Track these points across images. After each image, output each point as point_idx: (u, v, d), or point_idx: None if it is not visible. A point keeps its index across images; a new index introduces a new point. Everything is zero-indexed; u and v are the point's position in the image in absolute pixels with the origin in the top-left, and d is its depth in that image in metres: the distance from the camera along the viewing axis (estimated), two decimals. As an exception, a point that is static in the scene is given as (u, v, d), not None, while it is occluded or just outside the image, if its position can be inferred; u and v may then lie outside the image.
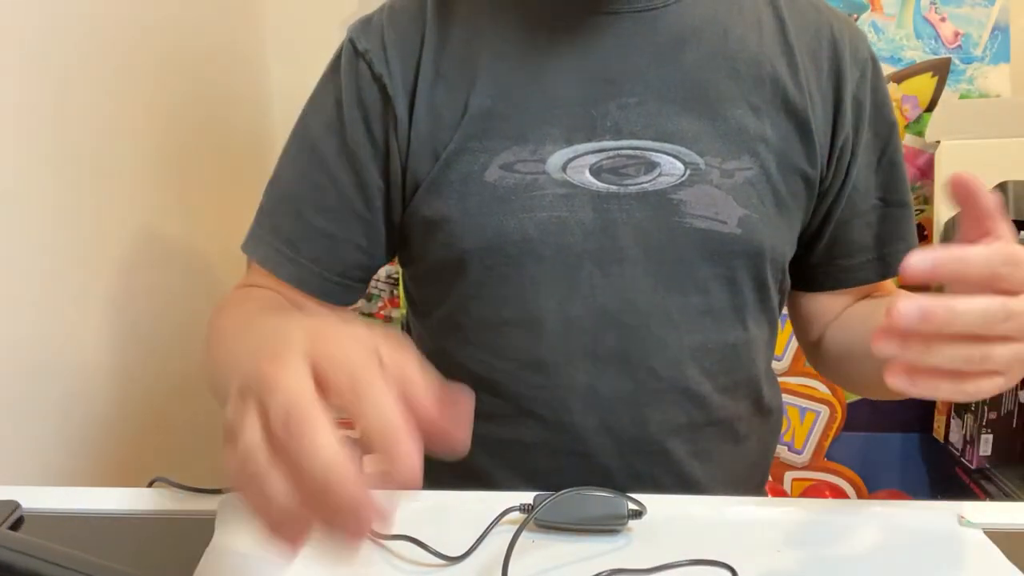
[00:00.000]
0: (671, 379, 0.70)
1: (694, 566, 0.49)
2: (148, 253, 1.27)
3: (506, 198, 0.67)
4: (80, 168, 1.07)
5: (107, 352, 1.14)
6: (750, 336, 0.73)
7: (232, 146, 1.65)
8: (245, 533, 0.53)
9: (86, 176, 1.09)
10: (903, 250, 0.76)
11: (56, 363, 1.02)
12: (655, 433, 0.70)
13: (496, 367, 0.71)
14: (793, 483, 1.70)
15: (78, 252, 1.07)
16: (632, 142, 0.67)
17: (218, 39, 1.59)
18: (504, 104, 0.67)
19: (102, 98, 1.12)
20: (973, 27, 1.64)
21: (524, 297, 0.68)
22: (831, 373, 0.83)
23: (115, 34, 1.16)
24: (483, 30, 0.69)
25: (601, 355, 0.69)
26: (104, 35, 1.13)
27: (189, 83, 1.43)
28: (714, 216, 0.67)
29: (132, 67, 1.21)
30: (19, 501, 0.54)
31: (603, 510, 0.53)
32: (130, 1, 1.21)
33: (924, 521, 0.56)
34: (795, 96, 0.69)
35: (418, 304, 0.77)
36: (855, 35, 0.73)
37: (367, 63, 0.69)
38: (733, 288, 0.70)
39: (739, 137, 0.68)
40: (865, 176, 0.74)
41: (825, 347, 0.80)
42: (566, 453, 0.71)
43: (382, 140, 0.70)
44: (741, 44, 0.69)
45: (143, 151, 1.24)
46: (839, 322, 0.79)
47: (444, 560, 0.49)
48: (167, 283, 1.34)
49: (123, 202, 1.19)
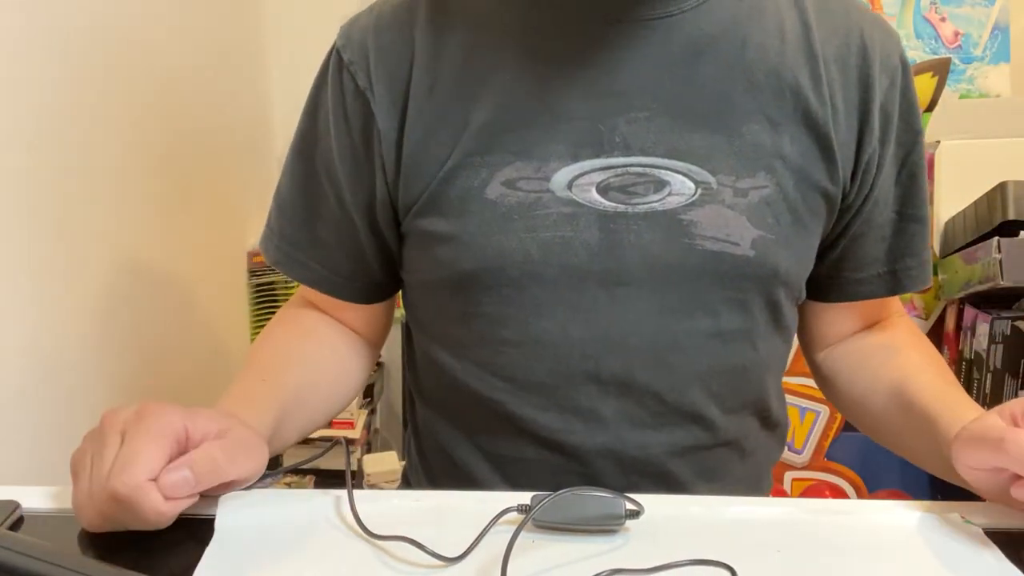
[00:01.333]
0: (676, 403, 0.68)
1: (694, 566, 0.49)
2: (148, 253, 1.27)
3: (508, 216, 0.64)
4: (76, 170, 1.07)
5: (107, 353, 1.14)
6: (760, 357, 0.70)
7: (231, 148, 1.65)
8: (245, 533, 0.53)
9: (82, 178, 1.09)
10: (915, 266, 0.74)
11: (56, 364, 1.02)
12: (659, 455, 0.69)
13: (495, 386, 0.69)
14: (793, 483, 1.70)
15: (77, 252, 1.07)
16: (641, 159, 0.64)
17: (218, 40, 1.59)
18: (507, 117, 0.64)
19: (95, 100, 1.12)
20: (973, 27, 1.64)
21: (525, 318, 0.66)
22: (837, 404, 0.81)
23: (112, 35, 1.16)
24: (484, 38, 0.66)
25: (604, 378, 0.67)
26: (100, 37, 1.13)
27: (188, 84, 1.43)
28: (726, 238, 0.64)
29: (131, 67, 1.21)
30: (19, 501, 0.54)
31: (601, 510, 0.53)
32: (129, 2, 1.21)
33: (924, 521, 0.56)
34: (816, 109, 0.66)
35: (417, 314, 0.75)
36: (886, 39, 0.69)
37: (351, 75, 0.67)
38: (744, 311, 0.67)
39: (755, 153, 0.65)
40: (885, 188, 0.71)
41: (834, 382, 0.79)
42: (567, 473, 0.69)
43: (365, 155, 0.68)
44: (760, 53, 0.65)
45: (137, 154, 1.24)
46: (854, 369, 0.76)
47: (442, 561, 0.49)
48: (167, 283, 1.34)
49: (123, 202, 1.19)
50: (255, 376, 0.68)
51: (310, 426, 0.72)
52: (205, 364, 1.50)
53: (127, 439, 0.50)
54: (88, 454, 0.51)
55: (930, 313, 1.69)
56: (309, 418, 0.71)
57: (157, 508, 0.49)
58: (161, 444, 0.50)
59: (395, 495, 0.58)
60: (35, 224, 0.98)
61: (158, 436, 0.50)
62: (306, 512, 0.55)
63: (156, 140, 1.29)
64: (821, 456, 1.68)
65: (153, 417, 0.51)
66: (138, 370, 1.22)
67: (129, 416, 0.52)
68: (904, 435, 0.70)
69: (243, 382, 0.67)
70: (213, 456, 0.51)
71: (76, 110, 1.06)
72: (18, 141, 0.95)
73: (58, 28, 1.02)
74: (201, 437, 0.52)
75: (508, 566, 0.47)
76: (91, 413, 1.08)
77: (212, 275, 1.55)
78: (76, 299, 1.06)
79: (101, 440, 0.51)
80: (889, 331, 0.78)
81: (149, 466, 0.49)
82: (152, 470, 0.49)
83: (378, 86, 0.66)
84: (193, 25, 1.45)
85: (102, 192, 1.12)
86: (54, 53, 1.01)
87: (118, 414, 0.52)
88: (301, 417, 0.69)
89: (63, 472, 0.54)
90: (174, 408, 0.53)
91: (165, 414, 0.52)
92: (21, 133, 0.95)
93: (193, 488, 0.50)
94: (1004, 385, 1.45)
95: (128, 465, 0.48)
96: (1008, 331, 1.45)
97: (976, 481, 0.56)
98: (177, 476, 0.49)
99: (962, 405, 0.63)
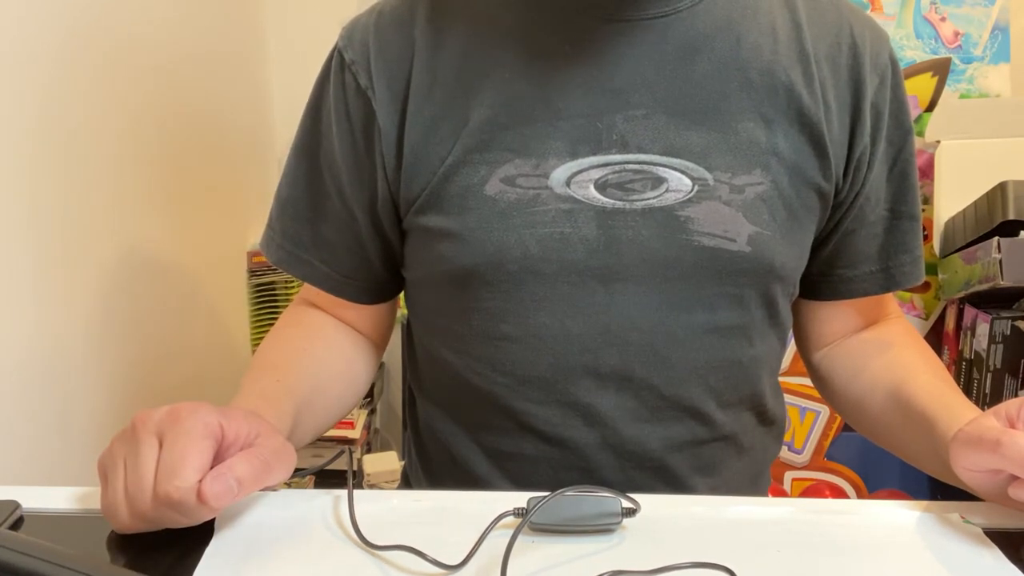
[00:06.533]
0: (674, 397, 0.68)
1: (693, 569, 0.49)
2: (147, 253, 1.27)
3: (507, 213, 0.65)
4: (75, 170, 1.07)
5: (106, 353, 1.14)
6: (756, 352, 0.71)
7: (231, 147, 1.65)
8: (245, 533, 0.53)
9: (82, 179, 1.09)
10: (908, 262, 0.74)
11: (56, 365, 1.02)
12: (657, 450, 0.69)
13: (495, 381, 0.69)
14: (793, 483, 1.70)
15: (77, 253, 1.07)
16: (639, 156, 0.65)
17: (218, 40, 1.59)
18: (506, 115, 0.65)
19: (93, 101, 1.12)
20: (973, 27, 1.64)
21: (524, 313, 0.67)
22: (834, 406, 0.81)
23: (112, 36, 1.16)
24: (483, 37, 0.67)
25: (602, 373, 0.67)
26: (99, 37, 1.13)
27: (188, 84, 1.43)
28: (722, 234, 0.65)
29: (130, 67, 1.21)
30: (19, 501, 0.54)
31: (597, 509, 0.53)
32: (127, 2, 1.21)
33: (924, 521, 0.56)
34: (810, 107, 0.67)
35: (417, 310, 0.76)
36: (876, 38, 0.70)
37: (352, 75, 0.68)
38: (740, 306, 0.68)
39: (750, 150, 0.66)
40: (876, 186, 0.72)
41: (831, 383, 0.79)
42: (567, 467, 0.70)
43: (366, 153, 0.69)
44: (754, 52, 0.66)
45: (136, 155, 1.24)
46: (851, 369, 0.76)
47: (442, 568, 0.49)
48: (167, 284, 1.34)
49: (123, 204, 1.19)
50: (269, 377, 0.68)
51: (321, 428, 0.72)
52: (205, 364, 1.50)
53: (169, 442, 0.50)
54: (120, 456, 0.51)
55: (930, 313, 1.69)
56: (321, 419, 0.71)
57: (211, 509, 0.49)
58: (204, 446, 0.50)
59: (395, 495, 0.58)
60: (34, 225, 0.98)
61: (201, 438, 0.50)
62: (306, 513, 0.55)
63: (155, 141, 1.29)
64: (821, 456, 1.68)
65: (193, 418, 0.50)
66: (138, 371, 1.22)
67: (163, 418, 0.51)
68: (902, 436, 0.70)
69: (258, 382, 0.67)
70: (255, 466, 0.51)
71: (73, 110, 1.06)
72: (18, 141, 0.95)
73: (57, 27, 1.02)
74: (234, 437, 0.52)
75: (508, 569, 0.47)
76: (91, 414, 1.08)
77: (212, 275, 1.55)
78: (76, 299, 1.06)
79: (135, 443, 0.50)
80: (886, 332, 0.78)
81: (200, 468, 0.49)
82: (202, 472, 0.49)
83: (379, 85, 0.67)
84: (193, 25, 1.45)
85: (101, 193, 1.12)
86: (51, 54, 1.01)
87: (151, 416, 0.51)
88: (314, 419, 0.70)
89: (63, 472, 0.54)
90: (208, 408, 0.52)
91: (202, 414, 0.51)
92: (22, 133, 0.95)
93: (235, 497, 0.50)
94: (1004, 385, 1.45)
95: (178, 468, 0.48)
96: (1008, 331, 1.45)
97: (974, 483, 0.56)
98: (223, 486, 0.48)
99: (960, 406, 0.63)
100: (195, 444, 0.49)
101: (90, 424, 1.07)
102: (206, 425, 0.50)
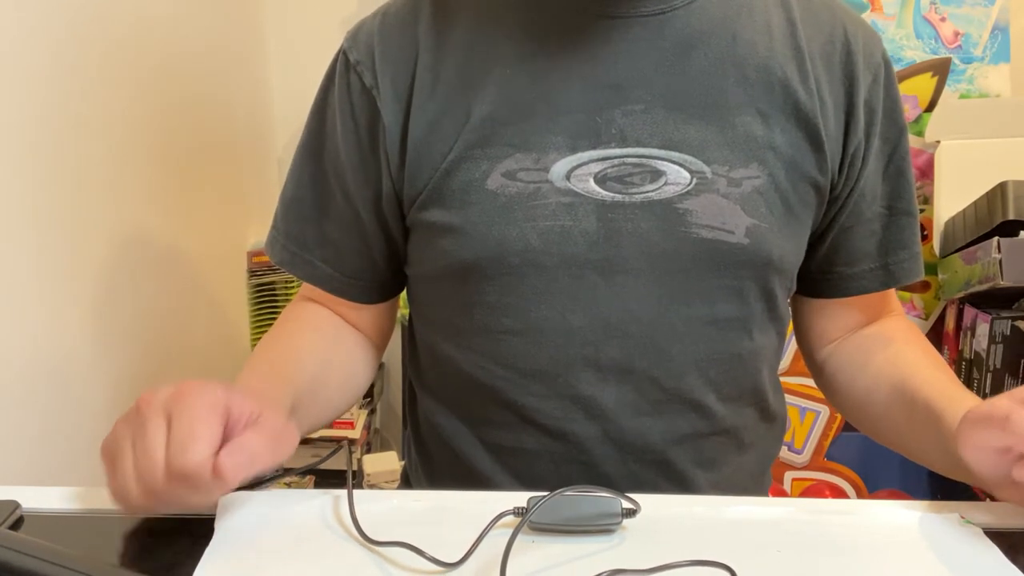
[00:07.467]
0: (674, 390, 0.69)
1: (693, 567, 0.49)
2: (147, 253, 1.27)
3: (508, 207, 0.66)
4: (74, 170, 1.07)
5: (107, 353, 1.14)
6: (756, 346, 0.72)
7: (231, 148, 1.65)
8: (245, 533, 0.53)
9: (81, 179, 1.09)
10: (907, 259, 0.75)
11: (56, 365, 1.02)
12: (658, 443, 0.70)
13: (497, 374, 0.70)
14: (793, 483, 1.70)
15: (77, 253, 1.07)
16: (638, 150, 0.66)
17: (217, 40, 1.59)
18: (507, 110, 0.66)
19: (92, 99, 1.12)
20: (973, 27, 1.64)
21: (525, 306, 0.68)
22: (838, 405, 0.81)
23: (112, 36, 1.16)
24: (485, 35, 0.68)
25: (603, 365, 0.68)
26: (99, 36, 1.13)
27: (188, 83, 1.43)
28: (721, 226, 0.66)
29: (130, 67, 1.21)
30: (19, 501, 0.54)
31: (597, 509, 0.53)
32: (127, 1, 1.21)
33: (924, 521, 0.56)
34: (805, 102, 0.68)
35: (420, 306, 0.77)
36: (869, 37, 0.72)
37: (357, 75, 0.69)
38: (739, 299, 0.69)
39: (747, 145, 0.67)
40: (872, 183, 0.73)
41: (835, 381, 0.79)
42: (568, 461, 0.70)
43: (371, 151, 0.69)
44: (750, 48, 0.68)
45: (136, 155, 1.24)
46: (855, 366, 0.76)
47: (441, 566, 0.49)
48: (167, 283, 1.35)
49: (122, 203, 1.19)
50: (268, 368, 0.69)
51: (319, 422, 0.72)
52: (205, 364, 1.50)
53: (178, 418, 0.49)
54: (126, 438, 0.51)
55: (930, 313, 1.69)
56: (319, 413, 0.72)
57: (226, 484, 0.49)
58: (213, 420, 0.50)
59: (394, 495, 0.58)
60: (35, 226, 0.98)
61: (211, 413, 0.50)
62: (306, 513, 0.55)
63: (155, 141, 1.29)
64: (821, 456, 1.68)
65: (199, 394, 0.50)
66: (138, 370, 1.22)
67: (169, 397, 0.51)
68: (907, 431, 0.71)
69: (256, 372, 0.68)
70: (267, 442, 0.51)
71: (74, 110, 1.06)
72: (18, 142, 0.95)
73: (57, 28, 1.02)
74: (239, 415, 0.52)
75: (507, 568, 0.47)
76: (91, 414, 1.08)
77: (212, 275, 1.55)
78: (75, 300, 1.06)
79: (141, 422, 0.50)
80: (888, 327, 0.78)
81: (212, 442, 0.49)
82: (215, 446, 0.49)
83: (383, 84, 0.68)
84: (193, 25, 1.45)
85: (101, 193, 1.12)
86: (51, 55, 1.02)
87: (156, 396, 0.51)
88: (312, 411, 0.70)
89: (63, 472, 0.54)
90: (213, 385, 0.52)
91: (208, 391, 0.51)
92: (22, 133, 0.95)
93: (250, 471, 0.50)
94: (1004, 385, 1.45)
95: (191, 442, 0.48)
96: (1008, 331, 1.45)
97: (979, 463, 0.56)
98: (241, 457, 0.49)
99: (966, 400, 0.64)
100: (204, 419, 0.49)
101: (90, 424, 1.07)
102: (215, 401, 0.50)
